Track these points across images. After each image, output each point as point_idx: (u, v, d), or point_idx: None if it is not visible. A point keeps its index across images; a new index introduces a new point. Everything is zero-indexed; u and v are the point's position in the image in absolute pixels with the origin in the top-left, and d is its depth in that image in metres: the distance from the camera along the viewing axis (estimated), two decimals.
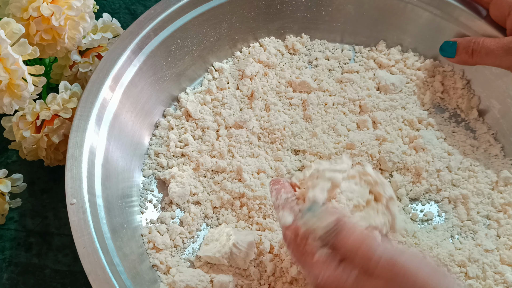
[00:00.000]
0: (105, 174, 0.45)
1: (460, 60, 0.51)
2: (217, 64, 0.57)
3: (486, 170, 0.50)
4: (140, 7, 0.65)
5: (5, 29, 0.41)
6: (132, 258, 0.43)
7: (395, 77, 0.56)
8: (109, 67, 0.48)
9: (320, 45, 0.59)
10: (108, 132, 0.47)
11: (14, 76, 0.41)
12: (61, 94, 0.47)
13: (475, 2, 0.54)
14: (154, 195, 0.50)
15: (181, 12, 0.52)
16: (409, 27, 0.57)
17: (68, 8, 0.44)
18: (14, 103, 0.42)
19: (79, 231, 0.40)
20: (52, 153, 0.49)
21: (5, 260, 0.48)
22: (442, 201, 0.49)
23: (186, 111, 0.53)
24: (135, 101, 0.50)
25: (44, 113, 0.46)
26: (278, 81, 0.56)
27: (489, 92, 0.54)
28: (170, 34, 0.52)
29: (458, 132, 0.54)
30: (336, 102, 0.54)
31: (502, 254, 0.46)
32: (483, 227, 0.48)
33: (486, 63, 0.50)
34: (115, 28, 0.53)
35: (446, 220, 0.48)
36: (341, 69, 0.58)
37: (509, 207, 0.48)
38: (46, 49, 0.47)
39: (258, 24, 0.58)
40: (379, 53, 0.58)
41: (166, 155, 0.51)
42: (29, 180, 0.50)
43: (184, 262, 0.46)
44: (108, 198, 0.44)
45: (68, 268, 0.48)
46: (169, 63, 0.53)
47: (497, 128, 0.53)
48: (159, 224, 0.47)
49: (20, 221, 0.50)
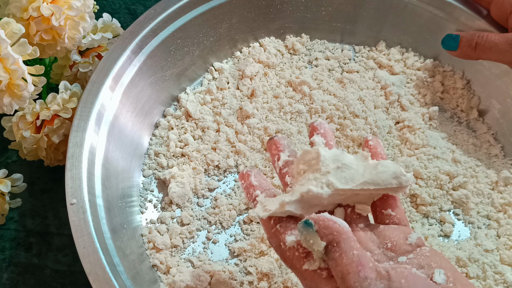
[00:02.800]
0: (105, 174, 0.45)
1: (462, 53, 0.51)
2: (217, 64, 0.57)
3: (486, 170, 0.50)
4: (140, 7, 0.65)
5: (5, 29, 0.41)
6: (132, 258, 0.43)
7: (395, 77, 0.56)
8: (109, 67, 0.48)
9: (320, 45, 0.59)
10: (108, 132, 0.47)
11: (14, 76, 0.41)
12: (61, 94, 0.47)
13: (475, 2, 0.54)
14: (154, 195, 0.50)
15: (181, 12, 0.52)
16: (409, 27, 0.57)
17: (68, 8, 0.44)
18: (14, 103, 0.42)
19: (79, 231, 0.40)
20: (52, 153, 0.49)
21: (5, 260, 0.48)
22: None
23: (186, 111, 0.53)
24: (135, 101, 0.50)
25: (44, 113, 0.46)
26: (278, 81, 0.56)
27: (489, 92, 0.54)
28: (170, 34, 0.52)
29: (461, 131, 0.54)
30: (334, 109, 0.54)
31: (502, 254, 0.46)
32: (483, 227, 0.48)
33: (488, 57, 0.50)
34: (115, 28, 0.53)
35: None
36: (341, 69, 0.58)
37: (509, 207, 0.48)
38: (46, 49, 0.47)
39: (258, 24, 0.58)
40: (379, 53, 0.58)
41: (166, 155, 0.51)
42: (29, 180, 0.50)
43: (184, 262, 0.46)
44: (108, 198, 0.44)
45: (68, 268, 0.48)
46: (169, 63, 0.53)
47: (497, 128, 0.53)
48: (159, 224, 0.47)
49: (20, 221, 0.50)
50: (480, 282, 0.44)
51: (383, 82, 0.55)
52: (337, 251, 0.29)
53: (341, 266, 0.29)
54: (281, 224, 0.33)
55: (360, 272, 0.28)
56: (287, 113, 0.53)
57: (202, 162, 0.50)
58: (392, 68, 0.57)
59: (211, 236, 0.47)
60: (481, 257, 0.45)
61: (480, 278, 0.44)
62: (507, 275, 0.44)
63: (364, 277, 0.28)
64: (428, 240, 0.47)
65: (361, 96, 0.54)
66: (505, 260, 0.45)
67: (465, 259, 0.45)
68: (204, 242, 0.47)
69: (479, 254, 0.45)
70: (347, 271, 0.28)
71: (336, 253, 0.29)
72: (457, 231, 0.48)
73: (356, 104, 0.53)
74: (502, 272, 0.44)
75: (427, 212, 0.48)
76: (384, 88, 0.55)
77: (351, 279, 0.28)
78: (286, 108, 0.54)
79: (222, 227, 0.48)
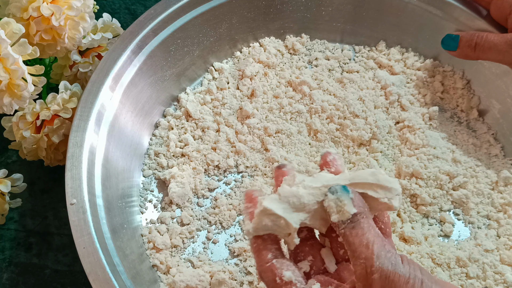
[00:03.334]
0: (105, 174, 0.45)
1: (462, 53, 0.51)
2: (217, 64, 0.57)
3: (486, 170, 0.50)
4: (140, 7, 0.65)
5: (5, 29, 0.41)
6: (132, 258, 0.43)
7: (395, 77, 0.56)
8: (109, 67, 0.48)
9: (320, 45, 0.59)
10: (108, 132, 0.47)
11: (14, 76, 0.41)
12: (61, 94, 0.47)
13: (475, 2, 0.54)
14: (154, 195, 0.50)
15: (181, 12, 0.52)
16: (409, 27, 0.57)
17: (68, 8, 0.44)
18: (14, 103, 0.42)
19: (79, 231, 0.40)
20: (52, 153, 0.49)
21: (5, 260, 0.48)
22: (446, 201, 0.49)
23: (186, 111, 0.53)
24: (135, 101, 0.50)
25: (44, 113, 0.46)
26: (278, 81, 0.56)
27: (489, 92, 0.54)
28: (170, 34, 0.52)
29: (461, 131, 0.54)
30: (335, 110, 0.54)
31: (502, 254, 0.46)
32: (483, 227, 0.48)
33: (488, 58, 0.50)
34: (115, 28, 0.53)
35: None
36: (341, 69, 0.58)
37: (509, 207, 0.48)
38: (46, 49, 0.47)
39: (258, 24, 0.58)
40: (379, 53, 0.58)
41: (166, 155, 0.51)
42: (29, 180, 0.50)
43: (184, 262, 0.46)
44: (108, 198, 0.44)
45: (68, 268, 0.48)
46: (169, 63, 0.53)
47: (497, 128, 0.53)
48: (159, 224, 0.47)
49: (20, 221, 0.50)
50: (480, 282, 0.44)
51: (383, 82, 0.55)
52: (365, 222, 0.32)
53: (369, 235, 0.31)
54: (278, 260, 0.33)
55: (386, 244, 0.31)
56: (287, 113, 0.53)
57: (202, 162, 0.50)
58: (392, 68, 0.57)
59: (211, 236, 0.47)
60: (481, 257, 0.45)
61: (480, 278, 0.44)
62: (507, 275, 0.44)
63: (388, 249, 0.31)
64: (428, 240, 0.47)
65: (361, 96, 0.54)
66: (505, 260, 0.45)
67: (465, 259, 0.45)
68: (204, 242, 0.47)
69: (479, 254, 0.45)
70: (373, 241, 0.31)
71: (365, 223, 0.32)
72: (457, 231, 0.48)
73: (356, 104, 0.53)
74: (502, 272, 0.44)
75: (427, 212, 0.48)
76: (384, 88, 0.55)
77: (377, 248, 0.31)
78: (286, 108, 0.54)
79: (222, 227, 0.48)
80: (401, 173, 0.50)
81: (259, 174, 0.50)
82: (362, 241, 0.31)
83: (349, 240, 0.32)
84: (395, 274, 0.30)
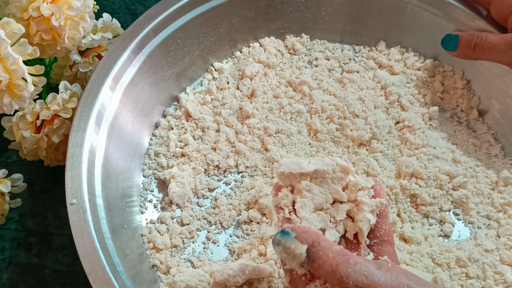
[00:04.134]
0: (105, 174, 0.45)
1: (462, 53, 0.51)
2: (217, 64, 0.57)
3: (486, 170, 0.50)
4: (140, 7, 0.65)
5: (5, 29, 0.41)
6: (132, 258, 0.43)
7: (395, 77, 0.56)
8: (109, 67, 0.48)
9: (320, 45, 0.59)
10: (108, 132, 0.47)
11: (14, 76, 0.41)
12: (61, 94, 0.47)
13: (475, 2, 0.54)
14: (154, 195, 0.50)
15: (181, 12, 0.52)
16: (409, 27, 0.57)
17: (68, 8, 0.44)
18: (14, 103, 0.42)
19: (79, 231, 0.40)
20: (52, 153, 0.49)
21: (5, 260, 0.48)
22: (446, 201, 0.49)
23: (186, 111, 0.53)
24: (135, 101, 0.50)
25: (44, 113, 0.46)
26: (278, 81, 0.56)
27: (489, 92, 0.54)
28: (170, 34, 0.52)
29: (461, 131, 0.54)
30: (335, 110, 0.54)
31: (502, 254, 0.46)
32: (483, 227, 0.48)
33: (487, 58, 0.50)
34: (115, 28, 0.53)
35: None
36: (341, 69, 0.58)
37: (509, 207, 0.48)
38: (46, 49, 0.47)
39: (258, 24, 0.58)
40: (379, 53, 0.59)
41: (166, 155, 0.51)
42: (29, 180, 0.50)
43: (184, 262, 0.46)
44: (108, 198, 0.44)
45: (68, 268, 0.48)
46: (169, 63, 0.53)
47: (497, 128, 0.53)
48: (159, 224, 0.47)
49: (20, 221, 0.50)
50: (480, 282, 0.44)
51: (383, 82, 0.55)
52: (320, 250, 0.31)
53: (329, 260, 0.31)
54: (306, 275, 0.34)
55: (349, 259, 0.30)
56: (287, 113, 0.53)
57: (202, 162, 0.50)
58: (392, 68, 0.57)
59: (211, 236, 0.47)
60: (481, 257, 0.45)
61: (480, 278, 0.44)
62: (507, 275, 0.44)
63: (354, 262, 0.30)
64: (428, 240, 0.47)
65: (361, 96, 0.54)
66: (505, 260, 0.45)
67: (465, 259, 0.45)
68: (204, 242, 0.47)
69: (479, 254, 0.45)
70: (336, 263, 0.30)
71: (320, 251, 0.31)
72: (457, 231, 0.48)
73: (356, 104, 0.53)
74: (502, 272, 0.44)
75: (427, 212, 0.48)
76: (384, 88, 0.55)
77: (342, 268, 0.30)
78: (286, 108, 0.54)
79: (222, 227, 0.48)
80: (401, 173, 0.50)
81: (259, 174, 0.50)
82: (327, 270, 0.31)
83: (318, 274, 0.31)
84: (373, 285, 0.29)
